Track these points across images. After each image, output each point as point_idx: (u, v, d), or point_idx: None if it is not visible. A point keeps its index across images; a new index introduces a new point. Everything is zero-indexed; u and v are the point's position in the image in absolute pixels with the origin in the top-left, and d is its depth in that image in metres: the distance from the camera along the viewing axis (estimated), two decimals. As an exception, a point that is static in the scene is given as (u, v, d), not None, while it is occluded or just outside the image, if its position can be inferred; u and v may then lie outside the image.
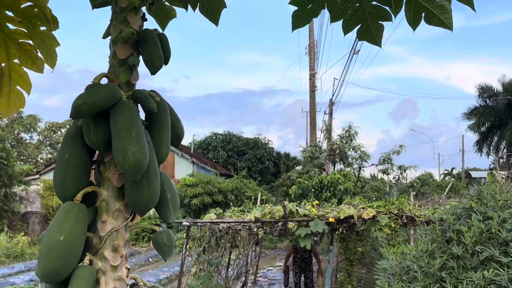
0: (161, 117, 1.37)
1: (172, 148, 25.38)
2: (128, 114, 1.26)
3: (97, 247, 1.32)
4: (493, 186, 5.09)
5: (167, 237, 1.42)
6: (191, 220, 6.02)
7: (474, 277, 4.25)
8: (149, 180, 1.28)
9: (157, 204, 1.39)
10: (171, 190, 1.42)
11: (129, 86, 1.36)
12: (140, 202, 1.31)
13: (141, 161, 1.21)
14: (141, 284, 1.39)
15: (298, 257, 9.54)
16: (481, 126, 35.43)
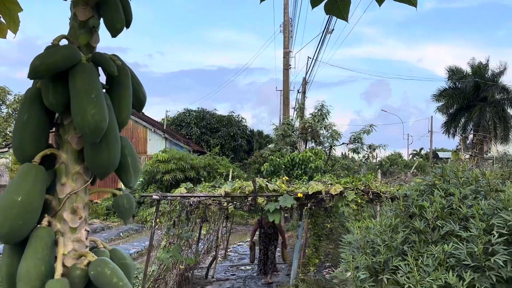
0: (122, 81, 1.37)
1: (145, 124, 25.20)
2: (87, 76, 1.25)
3: (56, 209, 1.32)
4: (456, 164, 5.25)
5: (127, 200, 1.43)
6: (161, 194, 6.02)
7: (434, 250, 4.41)
8: (108, 143, 1.29)
9: (118, 168, 1.39)
10: (132, 154, 1.43)
11: (89, 49, 1.35)
12: (99, 165, 1.32)
13: (100, 123, 1.22)
14: (101, 246, 1.41)
15: (263, 232, 9.57)
16: (450, 107, 36.16)
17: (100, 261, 1.27)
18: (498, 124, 35.07)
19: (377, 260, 4.84)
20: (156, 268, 7.06)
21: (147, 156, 23.82)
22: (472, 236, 4.27)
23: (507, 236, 4.25)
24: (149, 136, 25.13)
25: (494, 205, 4.54)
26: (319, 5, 2.54)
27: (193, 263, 8.56)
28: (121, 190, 1.47)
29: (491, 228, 4.29)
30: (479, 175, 4.96)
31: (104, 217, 20.61)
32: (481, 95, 35.23)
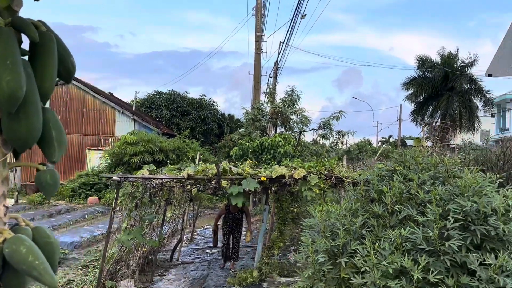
0: (46, 48, 1.28)
1: (113, 105, 24.74)
2: (3, 40, 1.16)
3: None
4: (416, 150, 5.31)
5: (51, 176, 1.36)
6: (122, 175, 5.90)
7: (391, 234, 4.46)
8: (27, 114, 1.20)
9: (41, 142, 1.31)
10: (57, 127, 1.34)
11: (10, 12, 1.25)
12: (18, 137, 1.23)
13: (15, 91, 1.13)
14: (22, 224, 1.33)
15: (230, 217, 9.37)
16: (418, 96, 36.78)
17: (16, 239, 1.19)
18: (464, 114, 35.89)
19: (336, 243, 4.88)
20: (116, 250, 6.96)
21: (115, 138, 23.42)
22: (428, 221, 4.33)
23: (462, 221, 4.34)
24: (117, 117, 24.69)
25: (451, 191, 4.61)
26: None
27: (157, 245, 8.48)
28: (45, 165, 1.38)
29: (447, 214, 4.35)
30: (437, 161, 5.02)
31: (70, 198, 20.26)
32: (449, 85, 35.93)
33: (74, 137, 24.55)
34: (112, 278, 7.65)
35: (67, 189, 20.68)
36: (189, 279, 8.79)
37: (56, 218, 15.92)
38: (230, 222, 9.38)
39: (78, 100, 24.69)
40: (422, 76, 37.34)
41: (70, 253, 10.68)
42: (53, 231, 13.65)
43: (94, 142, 24.55)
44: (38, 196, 19.48)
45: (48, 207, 18.63)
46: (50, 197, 1.34)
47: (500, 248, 4.29)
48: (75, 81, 24.67)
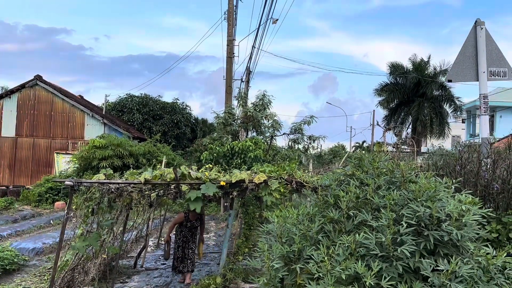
0: None
1: (82, 108, 24.34)
2: None
3: None
4: (373, 155, 5.29)
5: None
6: (75, 180, 5.71)
7: (345, 240, 4.41)
8: None
9: None
10: None
11: None
12: None
13: None
14: None
15: (188, 226, 8.67)
16: (390, 102, 37.27)
17: None
18: (435, 120, 36.50)
19: (292, 249, 4.81)
20: (70, 258, 6.74)
21: (84, 142, 22.99)
22: (382, 226, 4.30)
23: (416, 226, 4.31)
24: (87, 121, 24.24)
25: (405, 196, 4.60)
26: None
27: (117, 252, 8.27)
28: None
29: (401, 219, 4.33)
30: (393, 166, 5.00)
31: (36, 203, 19.75)
32: (421, 91, 36.50)
33: (42, 140, 24.02)
34: (70, 286, 7.43)
35: (33, 193, 20.16)
36: (152, 286, 8.61)
37: (20, 224, 15.48)
38: (186, 231, 8.67)
39: (47, 103, 24.16)
40: (394, 83, 37.86)
41: (31, 259, 10.38)
42: (15, 237, 13.28)
43: (62, 145, 24.05)
44: (3, 201, 18.95)
45: (13, 212, 18.13)
46: None
47: (454, 253, 4.28)
48: (44, 84, 24.17)
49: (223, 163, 16.41)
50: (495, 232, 5.52)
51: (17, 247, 10.87)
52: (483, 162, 5.81)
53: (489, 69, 6.43)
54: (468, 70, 6.52)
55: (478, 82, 6.46)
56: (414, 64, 37.54)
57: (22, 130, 24.08)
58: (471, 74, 6.52)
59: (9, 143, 23.94)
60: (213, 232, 15.06)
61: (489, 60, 6.41)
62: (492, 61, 6.45)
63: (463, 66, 6.53)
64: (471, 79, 6.52)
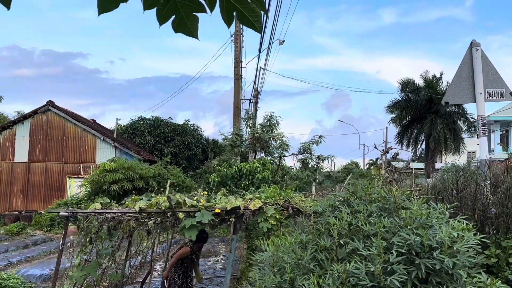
0: None
1: (94, 132, 24.60)
2: None
3: None
4: (366, 180, 5.23)
5: None
6: (70, 210, 5.75)
7: (336, 269, 4.34)
8: None
9: None
10: None
11: None
12: None
13: None
14: None
15: (191, 258, 8.22)
16: (403, 119, 37.02)
17: None
18: (448, 136, 36.11)
19: (283, 279, 4.75)
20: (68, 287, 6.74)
21: (96, 165, 23.20)
22: (373, 255, 4.22)
23: (407, 254, 4.23)
24: (98, 144, 24.50)
25: (396, 223, 4.53)
26: (167, 23, 2.44)
27: (119, 279, 8.26)
28: None
29: (392, 247, 4.26)
30: (386, 192, 4.94)
31: (48, 228, 19.91)
32: (433, 108, 36.22)
33: (54, 165, 24.31)
34: (71, 315, 7.42)
35: (45, 218, 20.33)
36: (155, 313, 8.56)
37: (31, 249, 15.60)
38: (188, 262, 8.21)
39: (59, 128, 24.52)
40: (406, 99, 37.63)
41: (38, 286, 10.42)
42: (25, 263, 13.37)
43: (74, 170, 24.30)
44: (16, 226, 19.14)
45: (25, 237, 18.29)
46: None
47: (447, 282, 4.19)
48: (56, 109, 24.56)
49: (231, 184, 16.41)
50: (495, 257, 5.39)
51: (25, 274, 10.93)
52: (482, 185, 5.71)
53: (486, 90, 6.36)
54: (465, 91, 6.46)
55: (475, 103, 6.39)
56: (426, 80, 37.33)
57: (35, 155, 24.42)
58: (468, 96, 6.45)
59: (22, 168, 24.27)
60: (222, 255, 14.96)
61: (486, 81, 6.35)
62: (489, 82, 6.39)
63: (460, 88, 6.48)
64: (468, 101, 6.45)
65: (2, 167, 23.95)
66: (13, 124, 24.83)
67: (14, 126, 24.59)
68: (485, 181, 5.65)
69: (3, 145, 24.39)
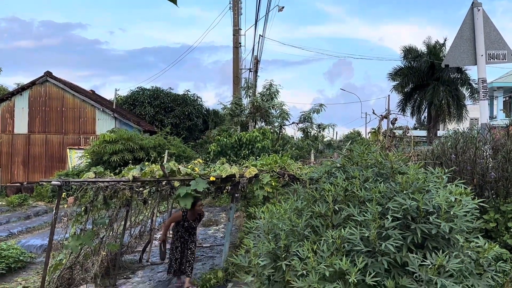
0: None
1: (93, 103, 24.44)
2: None
3: None
4: (364, 145, 5.10)
5: None
6: (62, 179, 5.66)
7: (331, 235, 4.27)
8: None
9: None
10: None
11: None
12: None
13: None
14: None
15: (186, 225, 7.96)
16: (405, 86, 36.66)
17: None
18: (451, 103, 35.82)
19: (278, 245, 4.69)
20: (64, 257, 6.74)
21: (96, 136, 23.13)
22: (367, 221, 4.14)
23: (403, 219, 4.15)
24: (97, 115, 24.36)
25: (392, 188, 4.43)
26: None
27: (117, 249, 8.26)
28: None
29: (388, 212, 4.17)
30: (382, 157, 4.82)
31: (49, 199, 19.97)
32: (436, 75, 35.81)
33: (54, 136, 24.25)
34: (70, 284, 7.45)
35: (46, 189, 20.39)
36: (154, 281, 8.60)
37: (32, 220, 15.68)
38: (183, 231, 8.01)
39: (57, 99, 24.34)
40: (408, 67, 37.17)
41: (39, 256, 10.47)
42: (26, 233, 13.43)
43: (74, 141, 24.25)
44: (17, 198, 19.21)
45: (27, 208, 18.38)
46: None
47: (443, 246, 4.11)
48: (54, 80, 24.32)
49: (231, 154, 16.35)
50: (493, 222, 5.32)
51: (25, 244, 10.98)
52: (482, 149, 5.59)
53: (488, 52, 6.17)
54: (465, 54, 6.28)
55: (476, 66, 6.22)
56: (428, 47, 36.79)
57: (35, 127, 24.33)
58: (469, 58, 6.28)
59: (22, 140, 24.22)
60: (223, 224, 15.00)
61: (487, 42, 6.16)
62: (491, 44, 6.20)
63: (461, 50, 6.29)
64: (469, 63, 6.28)
65: (2, 139, 23.90)
66: (12, 95, 24.64)
67: (13, 98, 24.41)
68: (485, 145, 5.53)
69: (2, 117, 24.28)
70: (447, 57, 6.39)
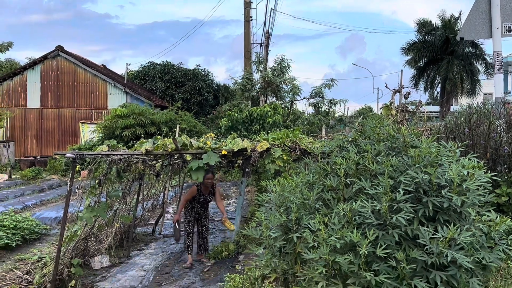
0: None
1: (104, 78, 24.45)
2: None
3: None
4: (376, 119, 5.08)
5: None
6: (76, 152, 5.72)
7: (342, 208, 4.29)
8: None
9: None
10: None
11: None
12: None
13: None
14: None
15: (201, 200, 7.82)
16: (418, 61, 36.16)
17: None
18: (465, 78, 35.33)
19: (289, 218, 4.73)
20: (79, 228, 6.87)
21: (107, 111, 23.25)
22: (379, 194, 4.15)
23: (414, 193, 4.16)
24: (109, 90, 24.43)
25: (405, 162, 4.42)
26: None
27: (129, 221, 8.39)
28: None
29: (400, 185, 4.18)
30: (394, 131, 4.80)
31: (63, 173, 20.24)
32: (450, 49, 35.23)
33: (66, 110, 24.43)
34: (85, 254, 7.61)
35: (60, 163, 20.64)
36: (167, 253, 8.74)
37: (46, 193, 15.92)
38: (198, 207, 7.88)
39: (69, 74, 24.42)
40: (422, 41, 36.59)
41: (53, 228, 10.67)
42: (40, 206, 13.67)
43: (87, 115, 24.41)
44: (31, 171, 19.48)
45: (41, 182, 18.65)
46: None
47: (455, 220, 4.12)
48: (65, 54, 24.35)
49: (242, 129, 16.36)
50: (506, 196, 5.30)
51: (40, 217, 11.18)
52: (495, 123, 5.53)
53: (504, 24, 6.05)
54: (481, 26, 6.16)
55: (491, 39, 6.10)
56: (443, 20, 36.10)
57: (47, 101, 24.50)
58: (484, 31, 6.16)
59: (34, 114, 24.43)
60: (234, 198, 15.12)
61: (504, 15, 6.03)
62: (507, 16, 6.07)
63: (476, 23, 6.18)
64: (484, 36, 6.17)
65: (15, 113, 24.12)
66: (24, 69, 24.75)
67: (25, 72, 24.53)
68: (499, 119, 5.48)
69: (15, 91, 24.44)
70: (462, 29, 6.28)
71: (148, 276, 7.39)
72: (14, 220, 9.10)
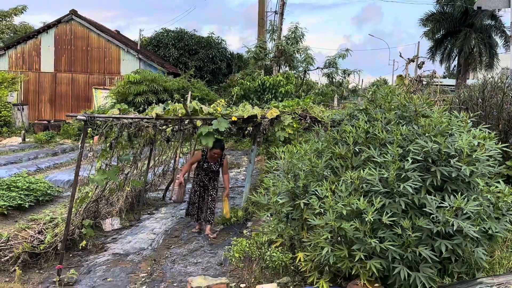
0: None
1: (118, 43, 24.43)
2: None
3: None
4: (386, 89, 5.03)
5: None
6: (87, 114, 5.76)
7: (349, 176, 4.30)
8: None
9: None
10: None
11: None
12: None
13: None
14: None
15: (205, 167, 7.45)
16: (436, 33, 35.42)
17: None
18: (483, 51, 34.59)
19: (297, 185, 4.76)
20: (90, 190, 6.98)
21: (121, 77, 23.26)
22: (387, 162, 4.15)
23: (423, 162, 4.14)
24: (122, 56, 24.38)
25: (415, 131, 4.39)
26: None
27: (140, 185, 8.50)
28: None
29: (409, 154, 4.16)
30: (406, 100, 4.75)
31: (76, 137, 20.44)
32: (469, 21, 34.40)
33: (80, 75, 24.50)
34: (96, 216, 7.75)
35: (72, 128, 20.84)
36: (177, 218, 8.88)
37: (59, 157, 16.14)
38: (203, 174, 7.53)
39: (83, 38, 24.37)
40: (440, 12, 35.73)
41: (66, 191, 10.84)
42: (53, 169, 13.88)
43: (100, 81, 24.47)
44: (45, 135, 19.71)
45: (54, 145, 18.88)
46: None
47: (463, 189, 4.11)
48: (79, 18, 24.26)
49: (254, 98, 16.30)
50: (516, 169, 5.27)
51: (53, 179, 11.37)
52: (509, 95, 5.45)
53: (524, -7, 5.86)
54: (500, -5, 5.98)
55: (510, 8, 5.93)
56: (463, -10, 35.14)
57: (61, 65, 24.55)
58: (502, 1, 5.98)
59: (48, 78, 24.54)
60: (244, 167, 15.21)
61: (525, -17, 5.84)
62: (528, -16, 5.88)
63: (495, -9, 6.00)
64: (503, 6, 6.00)
65: (29, 77, 24.24)
66: (38, 33, 24.74)
67: (39, 36, 24.52)
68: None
69: (29, 55, 24.51)
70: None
71: (157, 239, 7.53)
72: (27, 182, 9.26)
